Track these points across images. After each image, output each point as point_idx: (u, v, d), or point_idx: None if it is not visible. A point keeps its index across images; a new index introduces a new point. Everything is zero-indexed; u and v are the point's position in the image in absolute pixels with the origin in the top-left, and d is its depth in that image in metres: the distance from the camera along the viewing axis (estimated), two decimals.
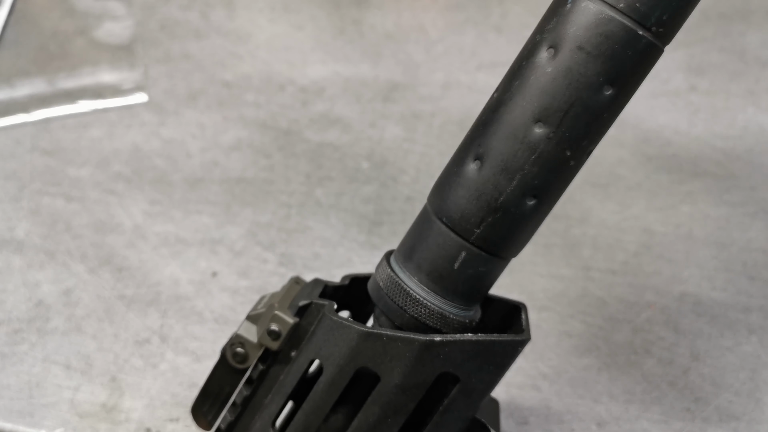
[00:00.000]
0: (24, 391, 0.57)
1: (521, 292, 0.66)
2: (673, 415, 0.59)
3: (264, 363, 0.44)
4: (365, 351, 0.40)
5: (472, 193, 0.40)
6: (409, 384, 0.41)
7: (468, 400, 0.42)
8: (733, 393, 0.60)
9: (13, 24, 0.86)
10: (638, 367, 0.62)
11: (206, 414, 0.46)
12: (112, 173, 0.74)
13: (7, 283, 0.64)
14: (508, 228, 0.40)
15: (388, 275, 0.42)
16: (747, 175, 0.76)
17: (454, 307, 0.41)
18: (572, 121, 0.38)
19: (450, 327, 0.41)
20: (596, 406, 0.59)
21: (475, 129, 0.40)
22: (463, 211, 0.40)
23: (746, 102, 0.83)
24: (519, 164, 0.39)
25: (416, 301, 0.41)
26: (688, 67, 0.86)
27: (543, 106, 0.38)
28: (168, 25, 0.88)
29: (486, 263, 0.41)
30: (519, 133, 0.38)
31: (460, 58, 0.87)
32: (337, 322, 0.41)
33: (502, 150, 0.39)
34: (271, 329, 0.43)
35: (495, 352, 0.41)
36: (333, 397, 0.42)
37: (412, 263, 0.41)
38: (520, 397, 0.59)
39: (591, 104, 0.38)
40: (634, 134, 0.80)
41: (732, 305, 0.66)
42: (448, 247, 0.40)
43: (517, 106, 0.39)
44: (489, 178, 0.39)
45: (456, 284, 0.41)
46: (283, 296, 0.45)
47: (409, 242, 0.42)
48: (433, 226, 0.41)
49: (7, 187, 0.72)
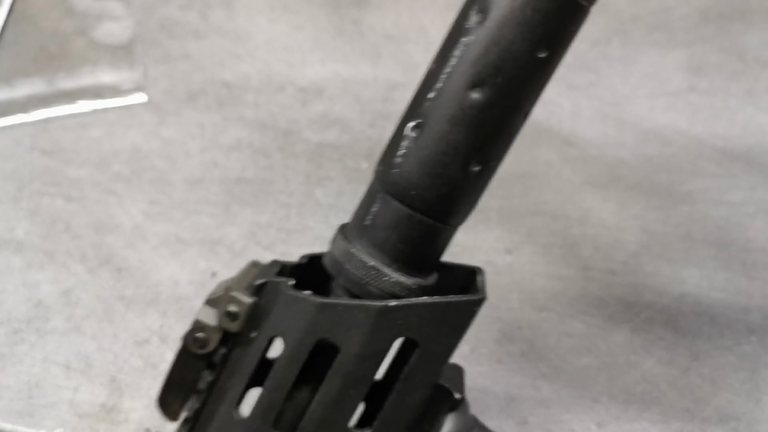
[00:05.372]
0: (23, 392, 0.57)
1: (521, 292, 0.66)
2: (672, 415, 0.59)
3: (225, 346, 0.44)
4: (323, 322, 0.41)
5: (415, 162, 0.40)
6: (368, 352, 0.41)
7: (429, 365, 0.42)
8: (733, 393, 0.60)
9: (12, 24, 0.85)
10: (638, 367, 0.62)
11: (172, 404, 0.45)
12: (111, 173, 0.73)
13: (6, 284, 0.64)
14: (454, 195, 0.41)
15: (342, 247, 0.42)
16: (747, 175, 0.76)
17: (408, 275, 0.42)
18: (506, 84, 0.39)
19: (406, 294, 0.41)
20: (596, 406, 0.59)
21: (415, 99, 0.41)
22: (407, 181, 0.40)
23: (746, 102, 0.83)
24: (459, 131, 0.39)
25: (370, 269, 0.41)
26: (688, 67, 0.86)
27: (477, 72, 0.39)
28: (167, 25, 0.88)
29: (434, 231, 0.41)
30: (456, 100, 0.39)
31: None
32: (294, 296, 0.42)
33: (442, 118, 0.39)
34: (229, 311, 0.43)
35: (451, 313, 0.41)
36: (294, 372, 0.42)
37: (364, 234, 0.42)
38: (520, 397, 0.59)
39: (523, 67, 0.39)
40: (634, 134, 0.80)
41: (732, 305, 0.66)
42: (395, 217, 0.41)
43: (452, 74, 0.39)
44: (431, 147, 0.40)
45: (407, 252, 0.41)
46: (240, 278, 0.44)
47: (360, 214, 0.43)
48: (379, 197, 0.41)
49: (6, 188, 0.71)
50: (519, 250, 0.69)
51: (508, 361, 0.61)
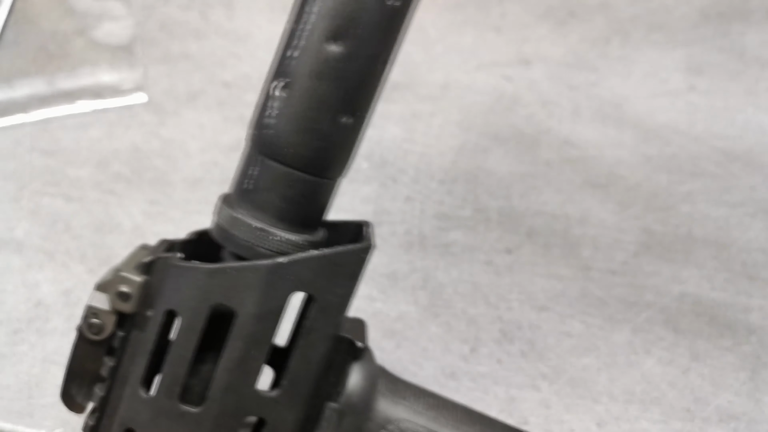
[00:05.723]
0: (24, 392, 0.57)
1: (521, 292, 0.66)
2: (672, 415, 0.59)
3: (122, 329, 0.43)
4: (215, 288, 0.41)
5: (286, 120, 0.41)
6: (264, 311, 0.41)
7: (327, 318, 0.42)
8: (733, 393, 0.60)
9: (12, 24, 0.86)
10: (638, 367, 0.62)
11: (76, 396, 0.45)
12: (111, 173, 0.74)
13: (6, 284, 0.64)
14: (328, 149, 0.41)
15: (227, 215, 0.42)
16: (747, 175, 0.76)
17: (295, 233, 0.42)
18: (363, 35, 0.40)
19: (294, 251, 0.42)
20: (596, 406, 0.59)
21: (278, 59, 0.42)
22: (282, 140, 0.41)
23: (746, 102, 0.83)
24: (324, 85, 0.40)
25: (257, 230, 0.42)
26: (688, 67, 0.86)
27: (334, 25, 0.40)
28: (167, 25, 0.88)
29: (315, 186, 0.42)
30: (317, 55, 0.40)
31: (459, 58, 0.87)
32: (183, 267, 0.42)
33: (306, 74, 0.40)
34: (120, 291, 0.43)
35: (341, 263, 0.42)
36: (192, 343, 0.42)
37: (246, 198, 0.42)
38: (520, 397, 0.59)
39: (376, 16, 0.40)
40: (634, 134, 0.80)
41: (732, 305, 0.66)
42: (274, 177, 0.42)
43: (311, 30, 0.40)
44: (299, 104, 0.40)
45: (291, 210, 0.42)
46: (129, 260, 0.44)
47: (240, 179, 0.43)
48: (256, 160, 0.42)
49: (6, 188, 0.72)
50: (519, 250, 0.69)
51: (508, 361, 0.62)
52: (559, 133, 0.80)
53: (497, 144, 0.78)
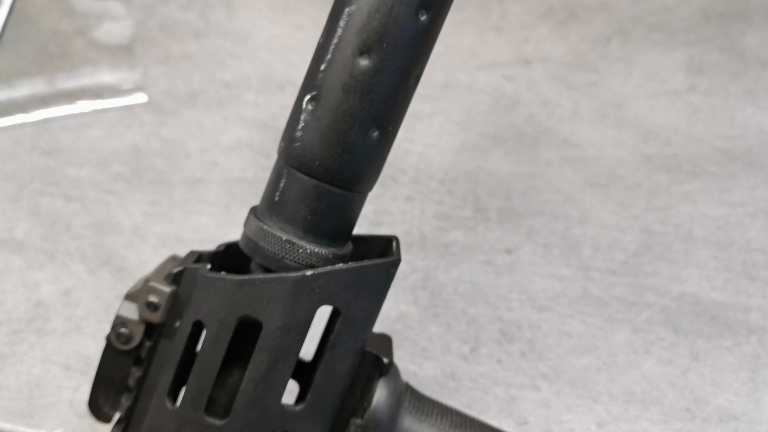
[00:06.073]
0: (24, 392, 0.57)
1: (521, 292, 0.66)
2: (672, 415, 0.59)
3: (150, 339, 0.44)
4: (242, 299, 0.41)
5: (315, 133, 0.41)
6: (291, 324, 0.41)
7: (353, 331, 0.42)
8: (733, 393, 0.60)
9: (12, 24, 0.86)
10: (638, 367, 0.62)
11: (103, 406, 0.45)
12: (111, 173, 0.74)
13: (6, 284, 0.64)
14: (356, 162, 0.41)
15: (255, 226, 0.43)
16: (747, 175, 0.76)
17: (323, 246, 0.42)
18: (392, 49, 0.40)
19: (322, 263, 0.42)
20: (596, 406, 0.59)
21: (308, 73, 0.42)
22: (310, 153, 0.41)
23: (746, 102, 0.83)
24: (353, 98, 0.40)
25: (285, 243, 0.42)
26: (688, 67, 0.86)
27: (362, 39, 0.40)
28: (167, 26, 0.88)
29: (342, 199, 0.42)
30: (346, 69, 0.40)
31: (459, 58, 0.87)
32: (211, 278, 0.42)
33: (335, 88, 0.41)
34: (149, 301, 0.43)
35: (368, 277, 0.42)
36: (219, 354, 0.42)
37: (275, 211, 0.42)
38: (520, 397, 0.59)
39: (406, 31, 0.40)
40: (634, 134, 0.80)
41: (732, 305, 0.66)
42: (303, 190, 0.42)
43: (339, 44, 0.40)
44: (328, 117, 0.41)
45: (318, 223, 0.42)
46: (159, 271, 0.45)
47: (269, 192, 0.43)
48: (285, 173, 0.42)
49: (6, 188, 0.72)
50: (519, 250, 0.69)
51: (508, 361, 0.62)
52: (559, 133, 0.80)
53: (497, 144, 0.78)
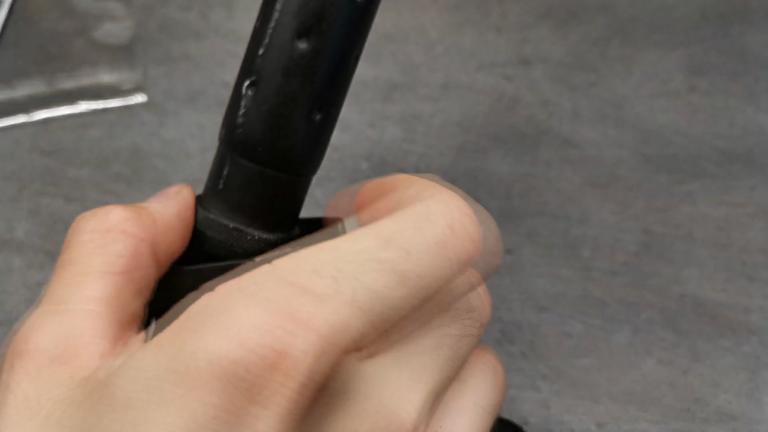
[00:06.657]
0: None
1: (521, 292, 0.66)
2: (672, 416, 0.59)
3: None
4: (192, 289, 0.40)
5: (257, 118, 0.41)
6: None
7: None
8: (733, 393, 0.60)
9: (12, 24, 0.85)
10: (638, 367, 0.62)
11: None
12: (111, 174, 0.74)
13: (6, 284, 0.64)
14: (301, 146, 0.41)
15: (201, 216, 0.43)
16: (747, 176, 0.76)
17: (270, 232, 0.42)
18: (330, 30, 0.40)
19: (271, 249, 0.42)
20: (596, 407, 0.59)
21: (247, 58, 0.42)
22: (253, 138, 0.41)
23: (746, 102, 0.83)
24: (294, 82, 0.40)
25: (232, 231, 0.42)
26: (688, 67, 0.86)
27: (301, 21, 0.39)
28: (167, 26, 0.88)
29: (288, 184, 0.42)
30: (286, 52, 0.40)
31: (459, 59, 0.87)
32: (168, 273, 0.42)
33: (275, 72, 0.40)
34: None
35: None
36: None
37: (220, 199, 0.42)
38: (520, 397, 0.59)
39: (346, 12, 0.40)
40: (634, 134, 0.80)
41: (732, 305, 0.66)
42: (247, 176, 0.41)
43: (278, 27, 0.40)
44: (269, 101, 0.40)
45: (265, 209, 0.42)
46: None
47: (213, 180, 0.43)
48: (228, 160, 0.42)
49: (6, 188, 0.72)
50: (519, 250, 0.69)
51: (508, 361, 0.61)
52: (559, 133, 0.80)
53: (497, 144, 0.78)
